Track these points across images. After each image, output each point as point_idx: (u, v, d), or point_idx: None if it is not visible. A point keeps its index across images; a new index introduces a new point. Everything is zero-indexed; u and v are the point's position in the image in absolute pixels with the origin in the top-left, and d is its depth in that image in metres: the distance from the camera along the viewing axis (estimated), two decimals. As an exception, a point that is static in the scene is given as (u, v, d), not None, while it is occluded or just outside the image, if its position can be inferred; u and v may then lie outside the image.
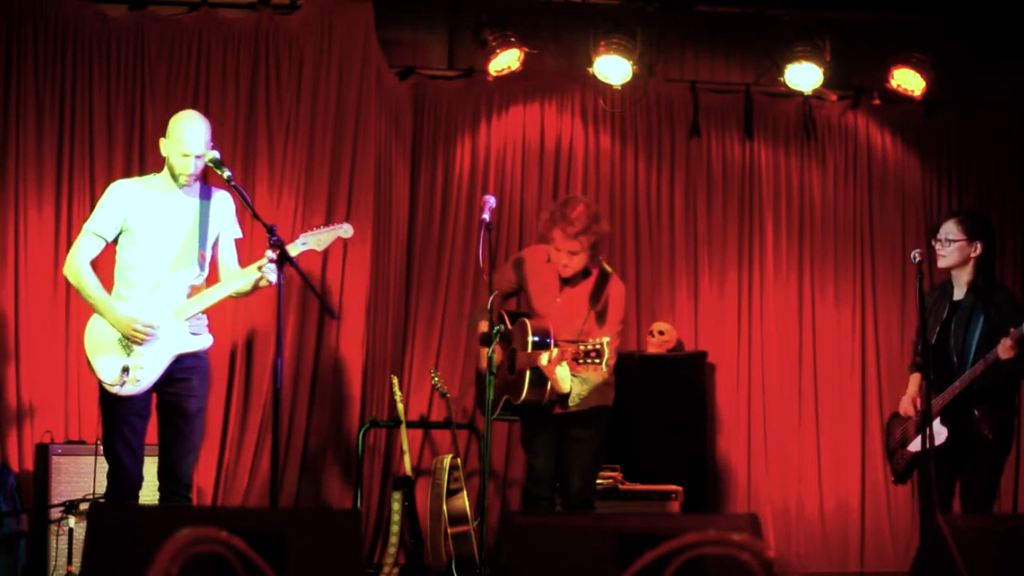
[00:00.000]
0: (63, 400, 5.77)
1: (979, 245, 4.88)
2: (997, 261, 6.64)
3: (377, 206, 6.32)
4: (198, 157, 4.43)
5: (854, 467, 6.99)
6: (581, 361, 4.33)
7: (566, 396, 4.63)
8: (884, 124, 7.32)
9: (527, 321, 4.70)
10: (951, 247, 4.89)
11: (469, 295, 6.84)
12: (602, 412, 4.80)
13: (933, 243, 4.98)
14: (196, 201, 4.54)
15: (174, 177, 4.48)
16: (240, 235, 4.72)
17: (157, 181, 4.54)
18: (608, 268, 4.89)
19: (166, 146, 4.48)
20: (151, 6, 6.17)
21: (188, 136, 4.42)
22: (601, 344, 4.27)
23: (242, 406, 5.93)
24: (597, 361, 4.28)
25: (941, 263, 4.95)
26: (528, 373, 4.61)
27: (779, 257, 7.17)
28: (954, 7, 6.75)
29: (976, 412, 4.72)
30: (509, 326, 4.84)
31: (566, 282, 4.80)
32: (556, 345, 4.50)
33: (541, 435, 4.82)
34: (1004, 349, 4.57)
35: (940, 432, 4.73)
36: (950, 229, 4.91)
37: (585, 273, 4.79)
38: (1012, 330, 4.55)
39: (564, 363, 4.47)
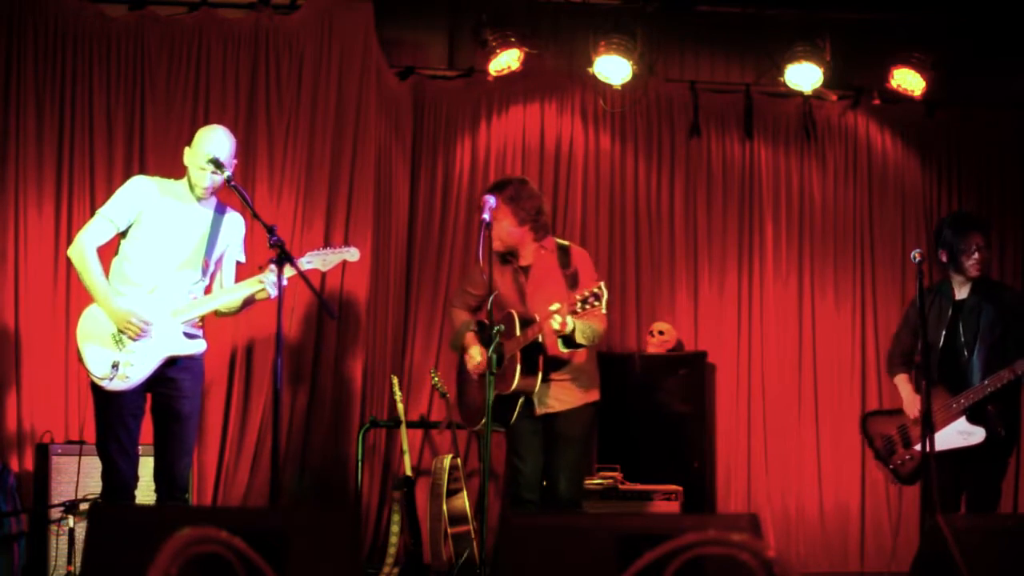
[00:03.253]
0: (63, 400, 5.77)
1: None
2: (996, 261, 6.72)
3: (377, 206, 6.32)
4: (215, 172, 4.43)
5: (854, 467, 6.98)
6: (580, 309, 4.34)
7: (572, 339, 4.58)
8: (884, 124, 7.32)
9: (513, 312, 4.74)
10: (988, 253, 4.97)
11: (469, 295, 6.83)
12: (588, 409, 4.81)
13: (975, 254, 4.92)
14: (210, 213, 4.56)
15: (191, 187, 4.50)
16: (243, 260, 4.74)
17: (176, 188, 4.56)
18: (564, 241, 4.93)
19: (188, 156, 4.51)
20: (151, 6, 6.17)
21: (208, 148, 4.44)
22: (599, 288, 4.29)
23: (242, 406, 5.92)
24: (597, 304, 4.30)
25: (983, 269, 4.96)
26: (519, 357, 4.62)
27: (779, 257, 7.16)
28: (954, 7, 6.75)
29: (990, 408, 4.80)
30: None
31: (523, 270, 4.83)
32: (554, 310, 4.45)
33: (527, 438, 4.80)
34: None
35: (976, 432, 4.80)
36: (980, 238, 4.94)
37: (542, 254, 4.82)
38: None
39: (567, 316, 4.43)
